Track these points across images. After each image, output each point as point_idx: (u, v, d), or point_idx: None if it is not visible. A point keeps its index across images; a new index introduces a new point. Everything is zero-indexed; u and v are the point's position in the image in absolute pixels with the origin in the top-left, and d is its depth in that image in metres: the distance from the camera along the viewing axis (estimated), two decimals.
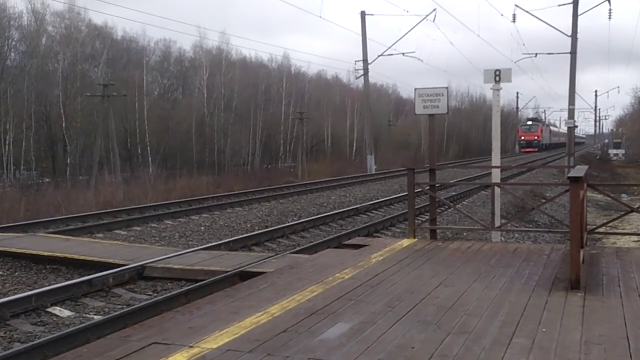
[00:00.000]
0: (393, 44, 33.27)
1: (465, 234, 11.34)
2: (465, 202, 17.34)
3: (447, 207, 13.78)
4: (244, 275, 7.14)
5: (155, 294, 7.25)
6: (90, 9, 41.79)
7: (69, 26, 43.43)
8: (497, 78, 9.15)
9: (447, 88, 9.15)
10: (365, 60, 33.68)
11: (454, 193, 18.99)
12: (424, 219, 12.68)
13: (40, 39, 42.19)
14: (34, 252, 8.75)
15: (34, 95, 38.30)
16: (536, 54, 33.44)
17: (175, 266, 7.88)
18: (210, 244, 10.13)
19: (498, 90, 9.28)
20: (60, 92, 39.20)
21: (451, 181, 21.27)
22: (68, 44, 41.66)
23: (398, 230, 12.95)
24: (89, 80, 42.45)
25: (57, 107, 38.86)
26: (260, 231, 11.86)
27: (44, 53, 41.70)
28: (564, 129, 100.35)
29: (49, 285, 7.33)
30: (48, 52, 42.21)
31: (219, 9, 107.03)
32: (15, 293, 7.06)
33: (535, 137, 74.73)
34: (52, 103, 39.26)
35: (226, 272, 7.37)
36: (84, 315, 6.45)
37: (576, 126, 36.48)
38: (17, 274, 8.23)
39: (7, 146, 36.52)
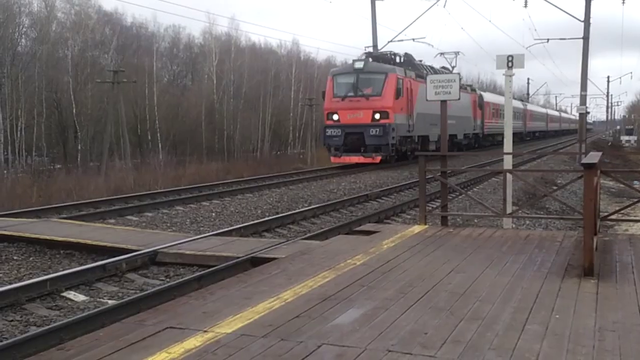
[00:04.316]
0: (403, 30, 33.22)
1: (476, 220, 11.32)
2: (476, 189, 17.29)
3: (457, 193, 13.72)
4: (256, 261, 7.17)
5: (167, 279, 7.31)
6: None
7: (79, 12, 43.50)
8: (510, 64, 9.09)
9: (459, 74, 9.13)
10: (375, 46, 33.43)
11: (464, 180, 18.92)
12: (434, 206, 12.67)
13: (50, 25, 42.29)
14: (48, 238, 8.83)
15: (44, 81, 38.48)
16: (548, 40, 33.12)
17: (187, 252, 7.92)
18: (221, 230, 10.17)
19: (510, 76, 9.22)
20: (71, 79, 39.35)
21: (462, 167, 21.19)
22: (78, 31, 41.74)
23: (408, 216, 12.95)
24: (99, 66, 42.55)
25: (67, 94, 39.04)
26: (270, 217, 11.90)
27: (55, 39, 41.82)
28: (535, 107, 64.06)
29: (63, 270, 7.40)
30: (58, 39, 42.30)
31: None
32: (30, 278, 7.14)
33: (375, 119, 23.09)
34: (63, 90, 39.45)
35: (238, 257, 7.40)
36: (98, 299, 6.52)
37: (588, 112, 36.13)
38: (31, 259, 8.31)
39: (19, 132, 36.80)
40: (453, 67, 34.00)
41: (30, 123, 37.45)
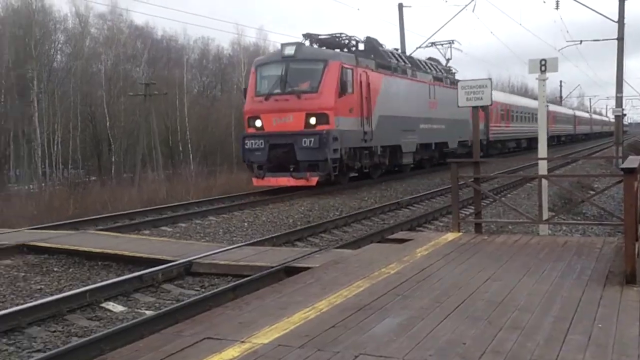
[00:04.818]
0: (432, 35, 32.76)
1: (510, 227, 11.16)
2: (509, 195, 17.07)
3: (491, 200, 13.56)
4: (290, 271, 7.19)
5: (203, 290, 7.38)
6: (131, 10, 42.66)
7: (111, 27, 44.52)
8: (543, 68, 8.97)
9: (490, 79, 9.05)
10: (403, 52, 33.36)
11: (496, 185, 18.71)
12: (467, 213, 12.55)
13: (84, 41, 43.34)
14: (86, 249, 9.00)
15: (79, 96, 39.44)
16: (581, 41, 32.58)
17: (221, 262, 7.99)
18: (254, 240, 10.23)
19: (544, 80, 9.10)
20: (104, 93, 40.25)
21: (494, 173, 20.93)
22: (111, 45, 42.73)
23: (441, 224, 12.84)
24: (131, 80, 43.42)
25: (101, 107, 39.94)
26: (303, 227, 11.93)
27: (88, 55, 42.84)
28: (560, 108, 53.41)
29: (101, 281, 7.54)
30: (92, 54, 43.32)
31: (256, 4, 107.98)
32: (71, 289, 7.28)
33: (309, 124, 16.88)
34: (97, 103, 40.39)
35: (271, 267, 7.44)
36: (136, 310, 6.61)
37: (624, 114, 35.34)
38: (71, 270, 8.48)
39: (55, 146, 37.73)
40: (448, 60, 29.65)
41: (66, 137, 38.39)
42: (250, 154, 17.55)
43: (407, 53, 28.98)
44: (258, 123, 17.54)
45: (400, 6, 33.43)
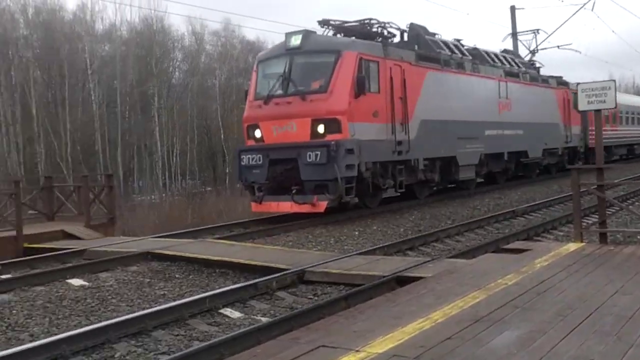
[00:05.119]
0: (547, 37, 31.01)
1: (639, 237, 10.39)
2: (637, 203, 15.91)
3: (616, 208, 12.69)
4: (402, 280, 7.13)
5: (316, 298, 7.48)
6: (243, 25, 44.56)
7: (224, 44, 46.55)
8: None
9: (614, 81, 8.52)
10: (517, 56, 32.13)
11: (622, 193, 17.49)
12: (590, 222, 11.83)
13: (200, 57, 45.66)
14: (204, 257, 9.42)
15: (195, 110, 41.57)
16: None
17: (333, 271, 8.06)
18: (365, 249, 10.24)
19: None
20: (218, 106, 42.12)
21: (618, 180, 19.58)
22: (224, 61, 44.69)
23: (561, 233, 12.20)
24: (243, 93, 45.10)
25: (215, 120, 41.86)
26: (414, 235, 11.79)
27: (204, 70, 45.09)
28: None
29: (219, 288, 7.85)
30: (207, 69, 45.55)
31: (365, 12, 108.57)
32: (191, 295, 7.64)
33: (316, 134, 13.45)
34: (212, 117, 42.36)
35: (383, 276, 7.41)
36: (252, 317, 6.82)
37: None
38: (191, 277, 8.91)
39: (174, 158, 39.99)
40: (533, 52, 27.13)
41: (184, 149, 40.58)
42: (248, 172, 14.20)
43: (522, 56, 27.07)
44: (257, 133, 14.34)
45: (513, 8, 32.31)
